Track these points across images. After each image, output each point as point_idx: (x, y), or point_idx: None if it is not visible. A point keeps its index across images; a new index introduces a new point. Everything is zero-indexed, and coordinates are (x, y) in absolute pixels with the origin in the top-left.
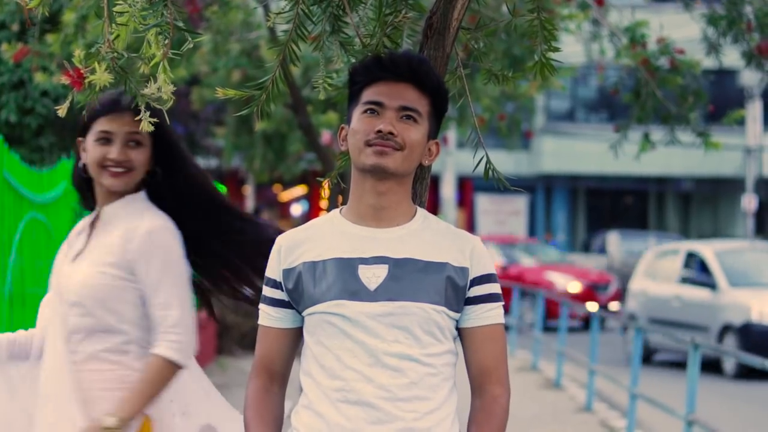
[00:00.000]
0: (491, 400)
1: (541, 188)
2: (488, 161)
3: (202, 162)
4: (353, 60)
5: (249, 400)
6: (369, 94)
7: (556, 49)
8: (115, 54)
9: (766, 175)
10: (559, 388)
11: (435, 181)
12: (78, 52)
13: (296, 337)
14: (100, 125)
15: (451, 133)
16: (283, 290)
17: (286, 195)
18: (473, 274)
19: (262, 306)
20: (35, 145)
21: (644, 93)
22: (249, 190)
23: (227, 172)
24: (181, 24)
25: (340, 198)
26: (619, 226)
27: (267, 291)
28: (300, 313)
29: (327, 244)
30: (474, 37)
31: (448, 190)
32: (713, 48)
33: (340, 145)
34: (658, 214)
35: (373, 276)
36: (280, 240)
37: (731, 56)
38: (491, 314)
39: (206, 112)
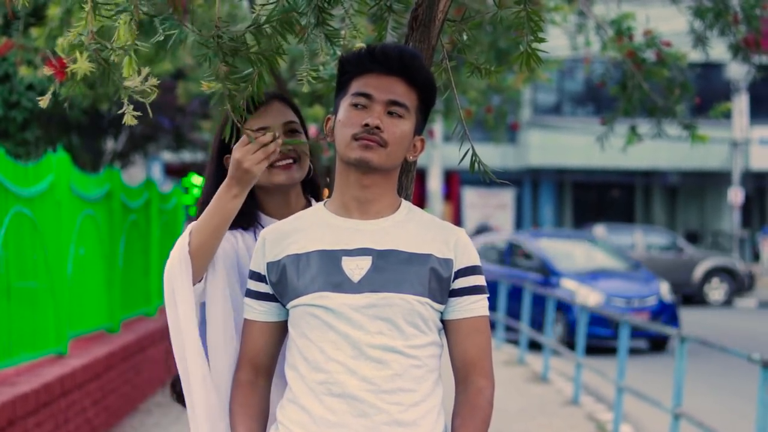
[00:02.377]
0: (476, 393)
1: (527, 181)
2: (474, 154)
3: (189, 156)
4: (338, 52)
5: (234, 394)
6: (358, 86)
7: (542, 40)
8: (99, 45)
9: (752, 169)
10: (547, 382)
11: (421, 175)
12: (61, 41)
13: (281, 330)
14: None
15: (438, 126)
16: (267, 283)
17: None
18: (457, 265)
19: (246, 299)
20: (21, 138)
21: (631, 86)
22: None
23: None
24: (147, 12)
25: (326, 191)
26: (605, 219)
27: (251, 284)
28: (284, 306)
29: (311, 236)
30: (459, 30)
31: (434, 184)
32: (700, 40)
33: (326, 135)
34: (644, 208)
35: (356, 267)
36: (264, 233)
37: (718, 49)
38: (475, 306)
39: (192, 106)
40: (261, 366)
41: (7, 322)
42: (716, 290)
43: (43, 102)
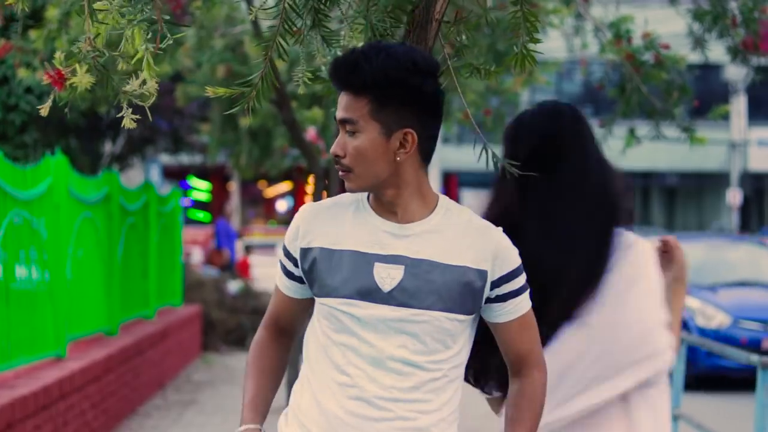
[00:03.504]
0: (530, 383)
1: None
2: (485, 149)
3: (187, 158)
4: (339, 53)
5: (252, 348)
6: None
7: (537, 41)
8: (97, 52)
9: (750, 170)
10: None
11: None
12: (58, 55)
13: (307, 304)
14: None
15: None
16: (298, 267)
17: (271, 191)
18: (495, 275)
19: (278, 269)
20: (19, 141)
21: (629, 88)
22: (234, 187)
23: (212, 168)
24: (166, 17)
25: (325, 194)
26: None
27: (283, 259)
28: (311, 287)
29: (347, 231)
30: (457, 31)
31: (433, 186)
32: (699, 43)
33: None
34: (643, 209)
35: (388, 277)
36: (303, 211)
37: (716, 51)
38: (519, 307)
39: (191, 109)
40: (284, 328)
41: (6, 325)
42: None
43: (44, 110)
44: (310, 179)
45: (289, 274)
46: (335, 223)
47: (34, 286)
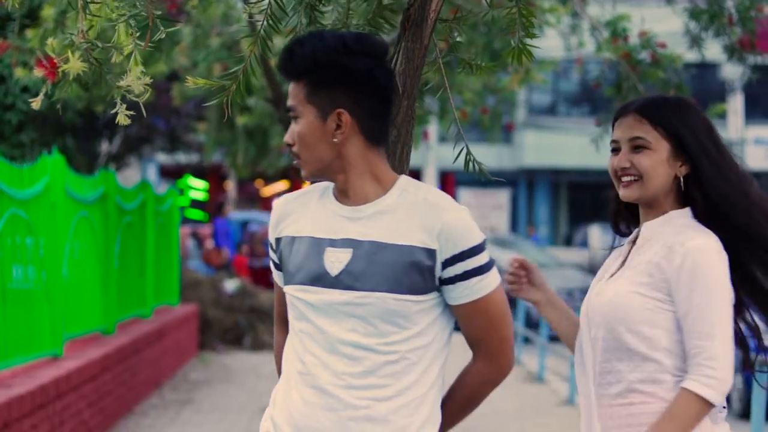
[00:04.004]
0: (467, 371)
1: (523, 182)
2: (468, 153)
3: (184, 157)
4: None
5: (275, 354)
6: None
7: (534, 36)
8: (90, 44)
9: (747, 169)
10: (542, 382)
11: (417, 176)
12: (51, 41)
13: None
14: (611, 135)
15: (433, 128)
16: (276, 253)
17: (268, 190)
18: (444, 255)
19: (271, 265)
20: (16, 140)
21: (626, 87)
22: (231, 186)
23: (209, 167)
24: (158, 13)
25: None
26: (600, 219)
27: (271, 253)
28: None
29: (308, 218)
30: (453, 29)
31: (429, 184)
32: (695, 41)
33: None
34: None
35: (336, 261)
36: (277, 202)
37: (713, 50)
38: (470, 291)
39: (187, 108)
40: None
41: (3, 324)
42: None
43: (36, 104)
44: None
45: (276, 266)
46: (301, 211)
47: (30, 285)
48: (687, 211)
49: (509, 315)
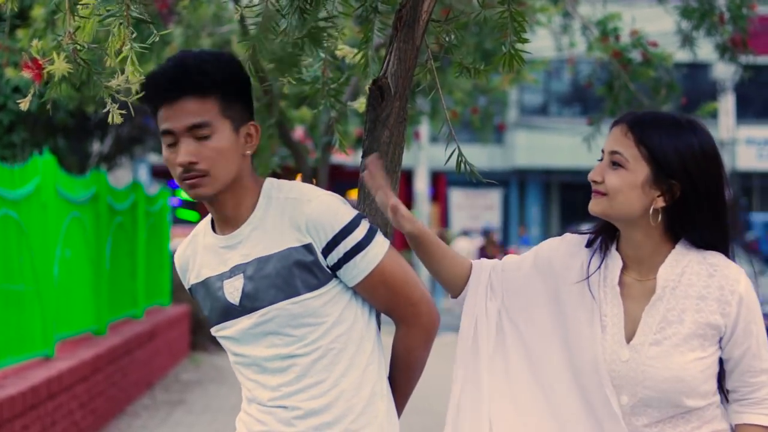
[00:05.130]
0: (395, 341)
1: (514, 182)
2: (460, 154)
3: None
4: (322, 54)
5: None
6: (160, 121)
7: (525, 41)
8: (77, 46)
9: (738, 169)
10: None
11: (408, 176)
12: (36, 43)
13: None
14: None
15: (424, 128)
16: None
17: None
18: (320, 245)
19: None
20: (7, 141)
21: (617, 86)
22: None
23: None
24: (136, 14)
25: None
26: (592, 219)
27: None
28: None
29: (201, 261)
30: (445, 30)
31: (421, 185)
32: (687, 40)
33: None
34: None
35: (234, 290)
36: (176, 258)
37: (704, 49)
38: (359, 269)
39: None
40: None
41: None
42: None
43: (24, 104)
44: (298, 178)
45: None
46: (194, 256)
47: (22, 286)
48: (687, 243)
49: (411, 275)
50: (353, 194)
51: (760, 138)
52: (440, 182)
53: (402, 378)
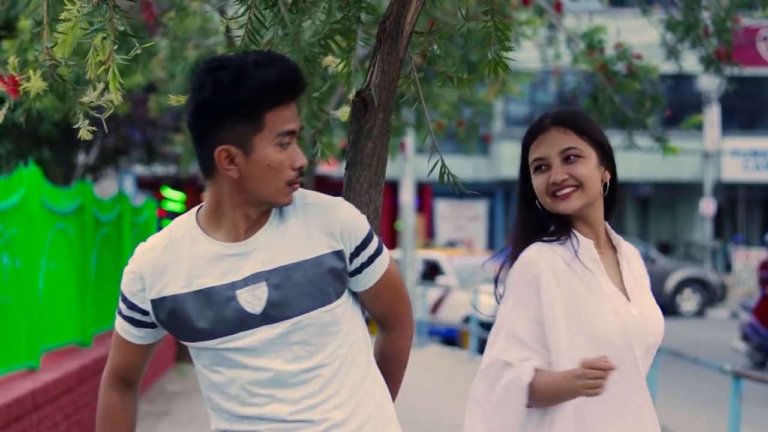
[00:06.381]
0: (387, 344)
1: (500, 193)
2: (443, 165)
3: (161, 169)
4: (305, 62)
5: (107, 410)
6: (278, 122)
7: (509, 49)
8: (54, 61)
9: (724, 180)
10: None
11: (394, 187)
12: (12, 60)
13: (156, 345)
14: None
15: (410, 139)
16: (148, 315)
17: None
18: (349, 250)
19: (119, 320)
20: None
21: (602, 98)
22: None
23: (186, 179)
24: (122, 28)
25: None
26: None
27: (125, 310)
28: (180, 340)
29: (194, 269)
30: (429, 41)
31: (406, 196)
32: (672, 53)
33: (225, 167)
34: (617, 219)
35: (254, 299)
36: (139, 259)
37: (689, 61)
38: (375, 272)
39: (164, 119)
40: (133, 380)
41: None
42: (688, 301)
43: None
44: None
45: (137, 323)
46: (177, 263)
47: (6, 298)
48: None
49: (401, 277)
50: None
51: (745, 149)
52: (426, 193)
53: (396, 379)
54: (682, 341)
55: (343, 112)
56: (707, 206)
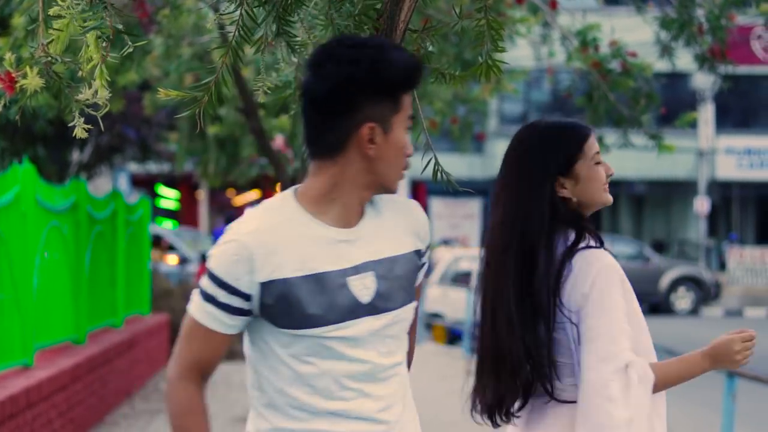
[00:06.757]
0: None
1: (494, 191)
2: (437, 163)
3: (155, 167)
4: (298, 60)
5: (188, 407)
6: (404, 106)
7: (502, 50)
8: (50, 58)
9: (718, 178)
10: None
11: None
12: (9, 56)
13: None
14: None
15: None
16: (249, 301)
17: (239, 200)
18: (424, 248)
19: (209, 308)
20: None
21: (596, 96)
22: (202, 195)
23: (180, 176)
24: (120, 26)
25: None
26: None
27: (223, 296)
28: (278, 328)
29: (306, 253)
30: (423, 39)
31: (401, 194)
32: (666, 51)
33: (367, 146)
34: (611, 217)
35: (364, 288)
36: (247, 242)
37: (683, 59)
38: (423, 274)
39: (159, 117)
40: (208, 374)
41: None
42: (683, 299)
43: None
44: (278, 187)
45: (233, 310)
46: (286, 245)
47: (0, 295)
48: None
49: None
50: None
51: (739, 147)
52: (420, 191)
53: None
54: (676, 339)
55: None
56: (701, 204)
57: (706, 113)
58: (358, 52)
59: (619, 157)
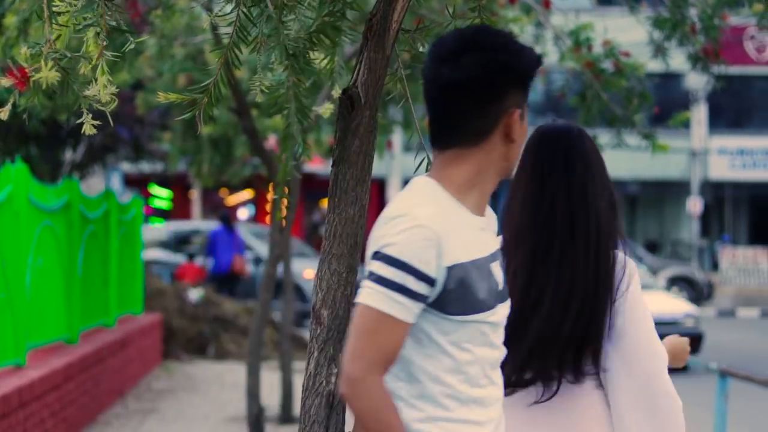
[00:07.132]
0: None
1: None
2: (429, 162)
3: (148, 166)
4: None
5: (386, 401)
6: (526, 98)
7: None
8: (58, 54)
9: (711, 178)
10: None
11: (381, 184)
12: (24, 51)
13: None
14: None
15: (397, 137)
16: (434, 287)
17: (232, 199)
18: None
19: (398, 296)
20: None
21: (590, 96)
22: (195, 195)
23: (173, 176)
24: (114, 23)
25: (285, 201)
26: None
27: (414, 283)
28: (445, 314)
29: (465, 239)
30: (416, 39)
31: (394, 194)
32: (659, 51)
33: (517, 130)
34: None
35: (498, 275)
36: (433, 226)
37: (676, 59)
38: None
39: (151, 117)
40: (390, 368)
41: None
42: None
43: (3, 114)
44: (271, 188)
45: (418, 297)
46: (457, 231)
47: None
48: None
49: None
50: (325, 203)
51: (732, 148)
52: None
53: None
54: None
55: (325, 109)
56: (694, 205)
57: (699, 113)
58: (502, 40)
59: (613, 158)
